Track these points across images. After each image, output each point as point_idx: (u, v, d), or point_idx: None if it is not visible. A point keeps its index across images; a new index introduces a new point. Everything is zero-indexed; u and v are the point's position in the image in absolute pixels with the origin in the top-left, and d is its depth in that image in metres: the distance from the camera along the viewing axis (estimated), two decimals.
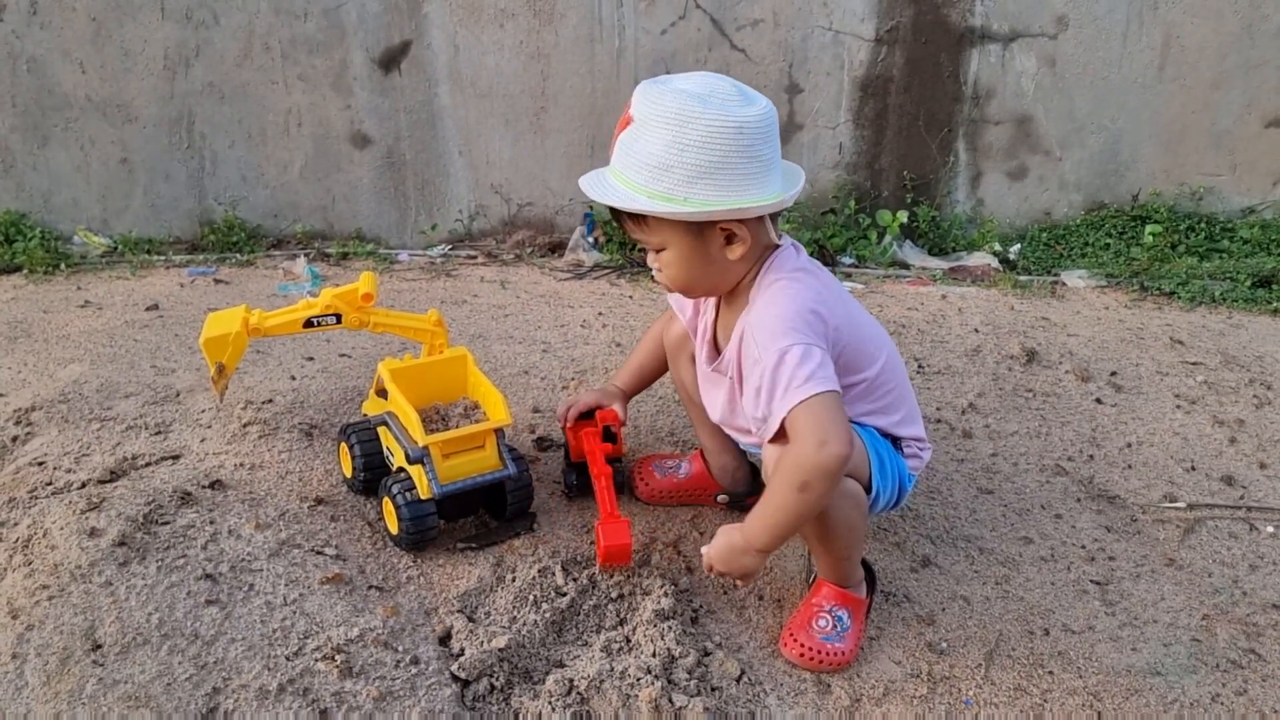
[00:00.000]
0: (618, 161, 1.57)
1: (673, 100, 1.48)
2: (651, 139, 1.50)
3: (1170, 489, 2.26)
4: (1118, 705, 1.65)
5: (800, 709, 1.61)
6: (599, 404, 2.03)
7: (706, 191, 1.50)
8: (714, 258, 1.60)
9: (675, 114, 1.48)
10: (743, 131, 1.48)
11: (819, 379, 1.49)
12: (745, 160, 1.50)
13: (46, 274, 3.40)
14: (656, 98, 1.50)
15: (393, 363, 2.00)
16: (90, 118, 3.56)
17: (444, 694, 1.54)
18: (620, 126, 1.56)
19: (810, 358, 1.50)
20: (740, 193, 1.51)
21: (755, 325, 1.58)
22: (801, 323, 1.54)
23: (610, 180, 1.58)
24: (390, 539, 1.90)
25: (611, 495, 1.82)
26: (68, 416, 2.28)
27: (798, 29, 3.58)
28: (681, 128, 1.47)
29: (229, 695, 1.48)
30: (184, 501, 1.88)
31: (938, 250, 3.83)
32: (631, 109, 1.54)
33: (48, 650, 1.52)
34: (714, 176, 1.49)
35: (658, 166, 1.50)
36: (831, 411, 1.48)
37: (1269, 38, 3.60)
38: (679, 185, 1.49)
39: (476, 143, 3.72)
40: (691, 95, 1.49)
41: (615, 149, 1.57)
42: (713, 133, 1.47)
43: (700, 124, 1.47)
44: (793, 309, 1.56)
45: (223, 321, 2.02)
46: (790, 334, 1.52)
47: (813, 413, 1.47)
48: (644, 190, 1.52)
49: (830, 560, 1.73)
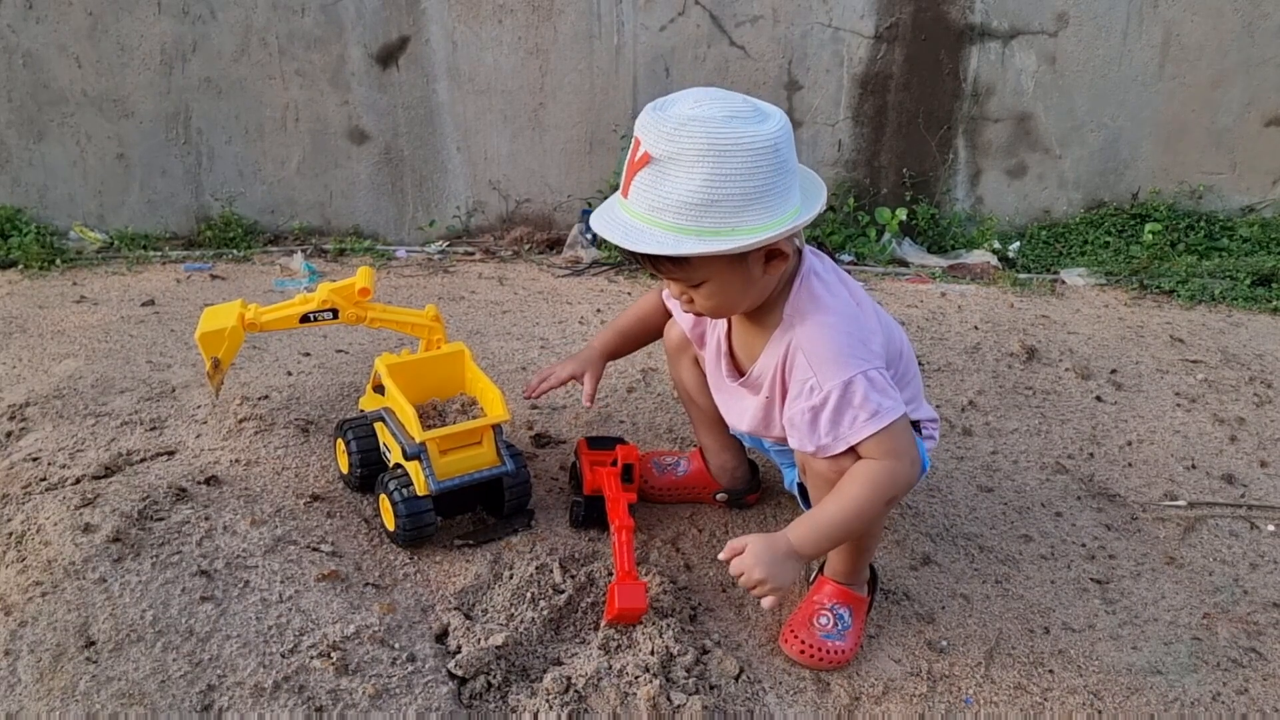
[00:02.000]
0: (642, 204, 1.43)
1: (698, 130, 1.37)
2: (684, 178, 1.38)
3: (1170, 487, 2.25)
4: (1118, 704, 1.64)
5: (799, 707, 1.60)
6: (575, 374, 1.96)
7: (754, 217, 1.40)
8: (754, 280, 1.52)
9: (707, 147, 1.36)
10: (776, 149, 1.40)
11: (891, 406, 1.50)
12: (781, 176, 1.42)
13: (42, 269, 3.39)
14: (674, 131, 1.38)
15: (390, 358, 1.98)
16: (86, 113, 3.54)
17: (440, 691, 1.53)
18: (634, 166, 1.43)
19: (878, 385, 1.50)
20: (783, 208, 1.43)
21: (807, 350, 1.53)
22: (859, 344, 1.52)
23: (637, 224, 1.44)
24: (387, 535, 1.89)
25: (631, 552, 1.73)
26: (62, 412, 2.26)
27: (797, 25, 3.57)
28: (718, 160, 1.37)
29: (224, 693, 1.47)
30: (179, 497, 1.87)
31: (937, 248, 3.82)
32: (646, 145, 1.41)
33: (41, 647, 1.51)
34: (759, 201, 1.40)
35: (698, 205, 1.38)
36: (909, 434, 1.54)
37: (1269, 36, 3.60)
38: (726, 217, 1.39)
39: (475, 139, 3.71)
40: (715, 121, 1.37)
41: (633, 191, 1.44)
42: (751, 158, 1.38)
43: (737, 153, 1.37)
44: (844, 330, 1.53)
45: (219, 316, 2.01)
46: (852, 362, 1.50)
47: (895, 436, 1.50)
48: (692, 230, 1.39)
49: (849, 557, 1.72)
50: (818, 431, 1.53)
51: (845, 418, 1.50)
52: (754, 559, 1.53)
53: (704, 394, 1.91)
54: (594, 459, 1.97)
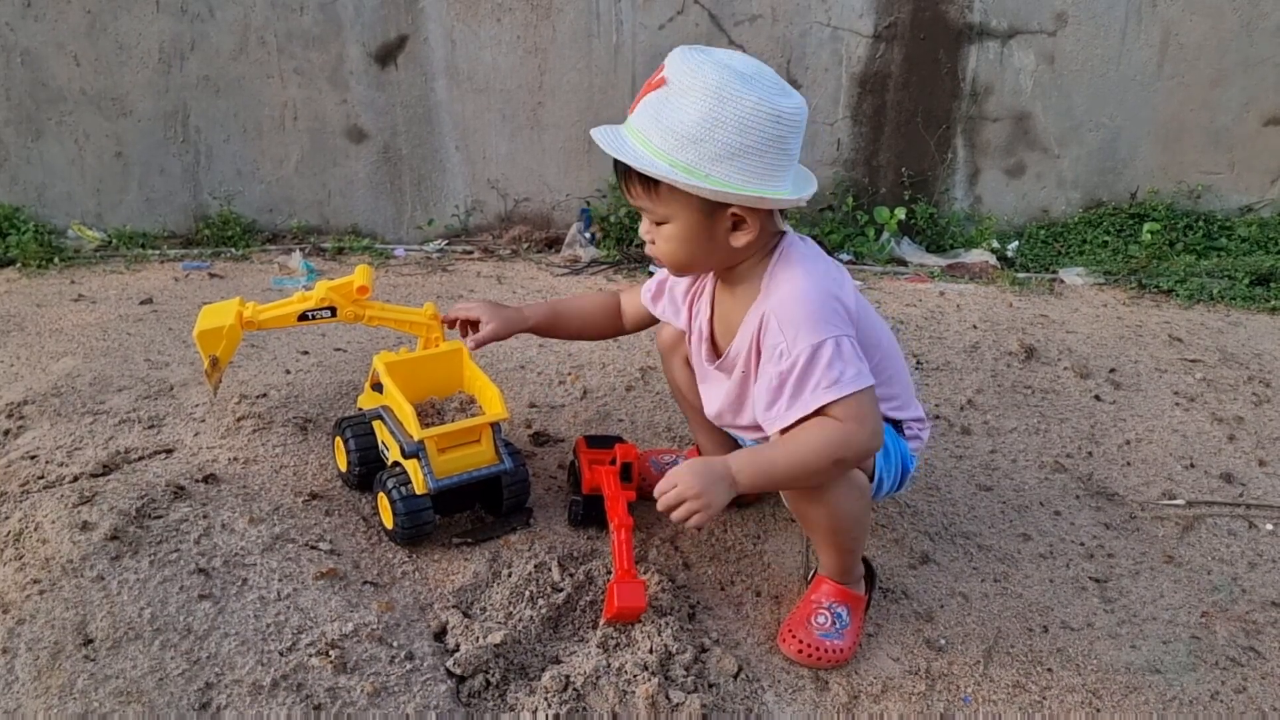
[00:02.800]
0: (639, 122, 1.49)
1: (715, 73, 1.42)
2: (686, 107, 1.43)
3: (1169, 486, 2.25)
4: (1117, 703, 1.64)
5: (798, 706, 1.60)
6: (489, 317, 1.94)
7: (731, 173, 1.45)
8: (718, 241, 1.55)
9: (717, 88, 1.41)
10: (780, 121, 1.44)
11: (860, 375, 1.50)
12: (775, 151, 1.46)
13: (40, 268, 3.38)
14: (698, 66, 1.43)
15: (388, 356, 1.98)
16: (84, 111, 3.54)
17: (439, 690, 1.53)
18: (649, 86, 1.49)
19: (845, 353, 1.50)
20: (764, 181, 1.47)
21: (780, 314, 1.54)
22: (830, 312, 1.53)
23: (628, 139, 1.50)
24: (385, 534, 1.89)
25: (630, 551, 1.73)
26: (60, 410, 2.26)
27: (796, 24, 3.58)
28: (721, 103, 1.41)
29: (222, 690, 1.47)
30: (177, 495, 1.87)
31: (935, 247, 3.82)
32: (666, 70, 1.46)
33: (39, 645, 1.50)
34: (742, 159, 1.44)
35: (687, 137, 1.43)
36: (874, 404, 1.52)
37: (1268, 36, 3.60)
38: (704, 161, 1.44)
39: (473, 138, 3.71)
40: (736, 73, 1.43)
41: (639, 108, 1.49)
42: (752, 115, 1.42)
43: (741, 104, 1.41)
44: (817, 297, 1.53)
45: (217, 314, 2.00)
46: (822, 326, 1.50)
47: (860, 404, 1.49)
48: (666, 158, 1.45)
49: (835, 554, 1.72)
50: (780, 399, 1.52)
51: (808, 384, 1.49)
52: (689, 474, 1.49)
53: (697, 393, 1.91)
54: (592, 457, 1.97)
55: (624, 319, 2.00)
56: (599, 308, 2.01)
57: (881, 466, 1.68)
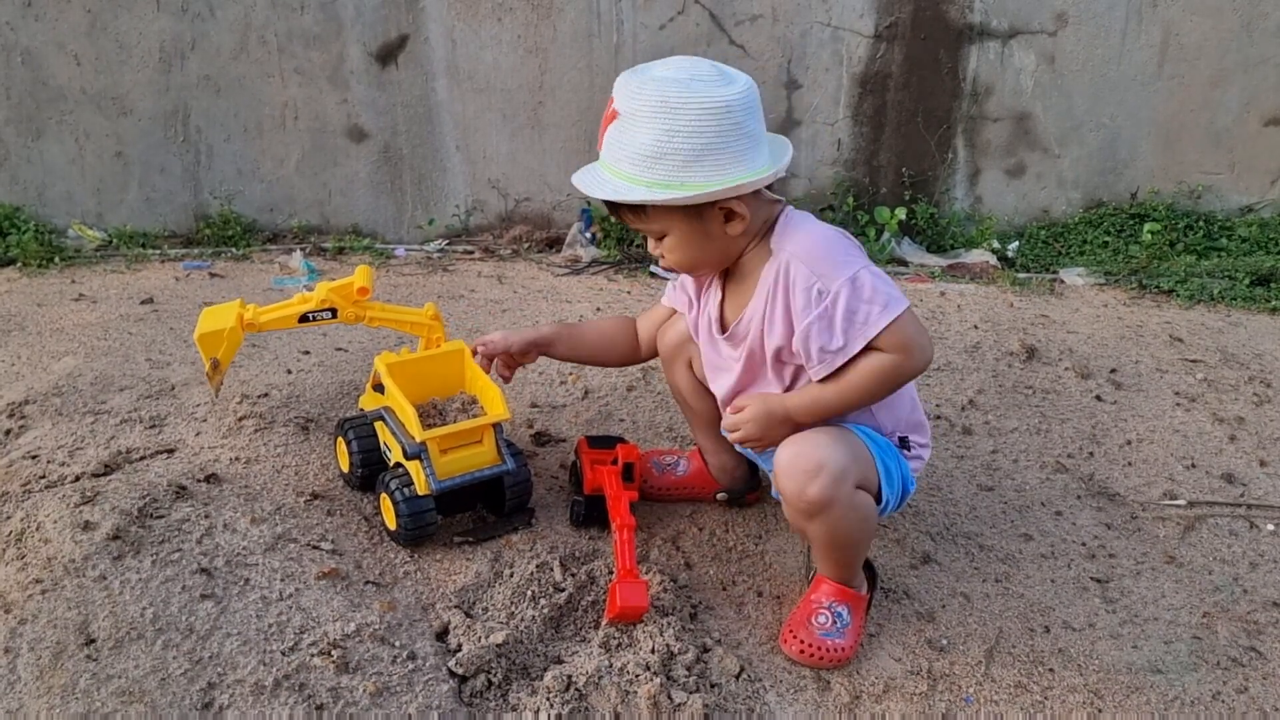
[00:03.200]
0: (608, 155, 1.57)
1: (654, 89, 1.50)
2: (640, 130, 1.51)
3: (1170, 486, 2.26)
4: (1118, 703, 1.64)
5: (800, 706, 1.60)
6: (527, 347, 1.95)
7: (701, 174, 1.51)
8: (715, 235, 1.61)
9: (660, 103, 1.49)
10: (730, 111, 1.50)
11: (898, 296, 1.54)
12: (735, 139, 1.51)
13: (41, 267, 3.38)
14: (638, 89, 1.51)
15: (389, 357, 1.98)
16: (85, 110, 3.54)
17: (441, 690, 1.53)
18: (606, 121, 1.57)
19: (881, 276, 1.55)
20: (734, 170, 1.52)
21: (804, 257, 1.58)
22: (851, 246, 1.60)
23: (603, 174, 1.58)
24: (387, 534, 1.89)
25: (632, 550, 1.74)
26: (62, 410, 2.26)
27: (796, 24, 3.57)
28: (670, 115, 1.48)
29: (224, 690, 1.47)
30: (179, 495, 1.86)
31: (936, 247, 3.82)
32: (615, 103, 1.55)
33: (41, 645, 1.50)
34: (707, 158, 1.50)
35: (650, 156, 1.50)
36: (917, 322, 1.57)
37: (1268, 36, 3.60)
38: (674, 171, 1.50)
39: (474, 137, 3.71)
40: (672, 81, 1.50)
41: (604, 143, 1.58)
42: (700, 116, 1.48)
43: (687, 109, 1.48)
44: (834, 235, 1.61)
45: (217, 316, 2.00)
46: (850, 259, 1.56)
47: (906, 326, 1.54)
48: (640, 181, 1.52)
49: (834, 565, 1.73)
50: (834, 333, 1.55)
51: (859, 314, 1.53)
52: (752, 419, 1.68)
53: (699, 397, 1.92)
54: (594, 458, 1.97)
55: (640, 342, 2.00)
56: (617, 328, 2.03)
57: (886, 492, 1.68)
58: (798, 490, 1.59)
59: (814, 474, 1.57)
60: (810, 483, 1.57)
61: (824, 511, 1.59)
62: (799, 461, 1.59)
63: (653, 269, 3.54)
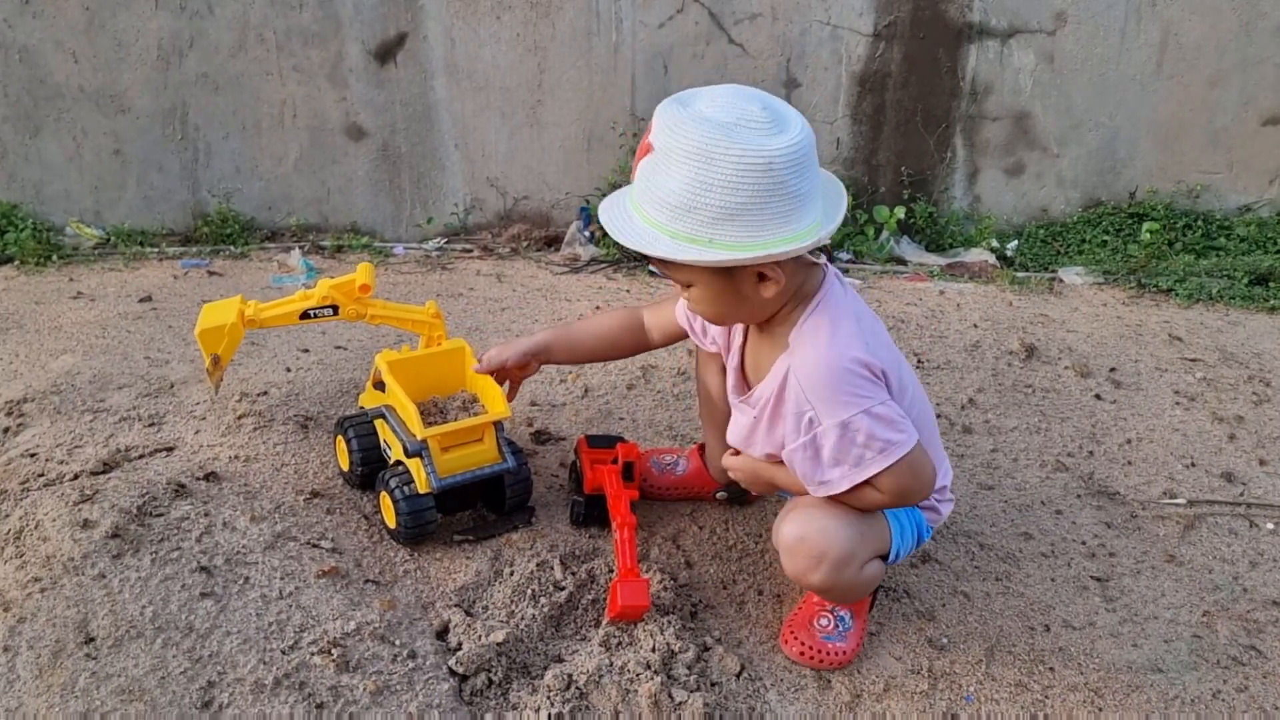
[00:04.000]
0: (638, 192, 1.41)
1: (695, 131, 1.32)
2: (672, 174, 1.34)
3: (1170, 485, 2.26)
4: (1119, 701, 1.64)
5: (801, 705, 1.60)
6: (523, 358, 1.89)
7: (733, 234, 1.34)
8: (746, 295, 1.46)
9: (698, 149, 1.32)
10: (771, 169, 1.32)
11: (902, 440, 1.46)
12: (776, 199, 1.34)
13: (38, 265, 3.37)
14: (676, 126, 1.34)
15: (390, 355, 1.97)
16: (83, 108, 3.53)
17: (441, 688, 1.53)
18: (641, 152, 1.41)
19: (884, 419, 1.44)
20: (771, 234, 1.35)
21: (803, 379, 1.46)
22: (855, 382, 1.44)
23: (630, 212, 1.43)
24: (387, 533, 1.88)
25: (633, 549, 1.73)
26: (60, 408, 2.25)
27: (796, 23, 3.57)
28: (705, 165, 1.31)
29: (224, 689, 1.47)
30: (178, 493, 1.86)
31: (935, 246, 3.82)
32: (652, 135, 1.38)
33: (40, 643, 1.50)
34: (741, 218, 1.33)
35: (679, 207, 1.34)
36: (922, 462, 1.50)
37: (1267, 35, 3.60)
38: (703, 227, 1.34)
39: (472, 136, 3.70)
40: (715, 126, 1.32)
41: (636, 176, 1.42)
42: (738, 171, 1.31)
43: (725, 162, 1.31)
44: (840, 366, 1.44)
45: (218, 313, 2.00)
46: (848, 400, 1.43)
47: (903, 475, 1.48)
48: (665, 230, 1.37)
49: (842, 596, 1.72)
50: (820, 467, 1.50)
51: (851, 455, 1.46)
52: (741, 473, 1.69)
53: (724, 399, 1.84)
54: (594, 457, 1.97)
55: (650, 334, 1.91)
56: (619, 323, 1.93)
57: (897, 544, 1.66)
58: (799, 575, 1.61)
59: (816, 564, 1.56)
60: (812, 572, 1.57)
61: (825, 592, 1.65)
62: (802, 548, 1.57)
63: (651, 268, 3.54)
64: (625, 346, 1.95)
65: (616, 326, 1.93)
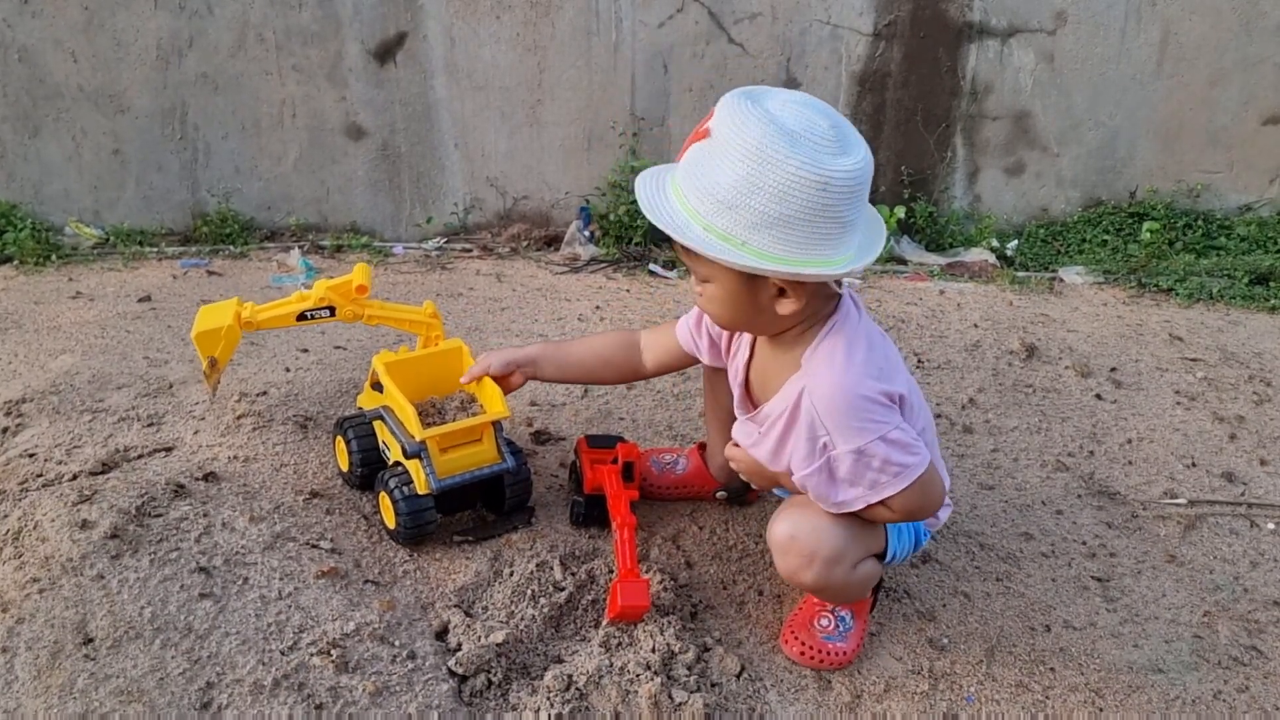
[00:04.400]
0: (682, 176, 1.38)
1: (758, 130, 1.28)
2: (723, 167, 1.31)
3: (1171, 485, 2.25)
4: (1119, 702, 1.64)
5: (801, 705, 1.60)
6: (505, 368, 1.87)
7: (769, 243, 1.32)
8: (762, 307, 1.44)
9: (756, 148, 1.28)
10: (827, 189, 1.29)
11: (916, 463, 1.46)
12: (822, 221, 1.31)
13: (37, 265, 3.37)
14: (741, 120, 1.30)
15: (388, 356, 1.97)
16: (82, 108, 3.52)
17: (441, 689, 1.52)
18: (695, 135, 1.38)
19: (898, 444, 1.44)
20: (806, 253, 1.33)
21: (819, 403, 1.44)
22: (871, 409, 1.42)
23: (669, 194, 1.40)
24: (387, 533, 1.88)
25: (633, 549, 1.73)
26: (59, 408, 2.25)
27: (795, 23, 3.57)
28: (759, 166, 1.28)
29: (223, 690, 1.46)
30: (177, 494, 1.86)
31: (935, 246, 3.82)
32: (712, 120, 1.35)
33: (38, 644, 1.50)
34: (783, 229, 1.31)
35: (723, 201, 1.32)
36: (934, 483, 1.52)
37: (1267, 35, 3.60)
38: (741, 228, 1.32)
39: (472, 135, 3.70)
40: (781, 130, 1.28)
41: (684, 159, 1.39)
42: (793, 183, 1.28)
43: (780, 169, 1.27)
44: (857, 393, 1.42)
45: (215, 315, 1.98)
46: (863, 427, 1.42)
47: (915, 497, 1.49)
48: (702, 221, 1.34)
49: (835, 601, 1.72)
50: (836, 489, 1.50)
51: (865, 479, 1.46)
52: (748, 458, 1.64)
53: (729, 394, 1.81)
54: (594, 457, 1.96)
55: (644, 358, 1.89)
56: (613, 341, 1.92)
57: (894, 546, 1.66)
58: (791, 574, 1.61)
59: (808, 562, 1.56)
60: (804, 570, 1.57)
61: (819, 592, 1.66)
62: (794, 546, 1.56)
63: (651, 267, 3.53)
64: (617, 365, 1.91)
65: (610, 345, 1.91)
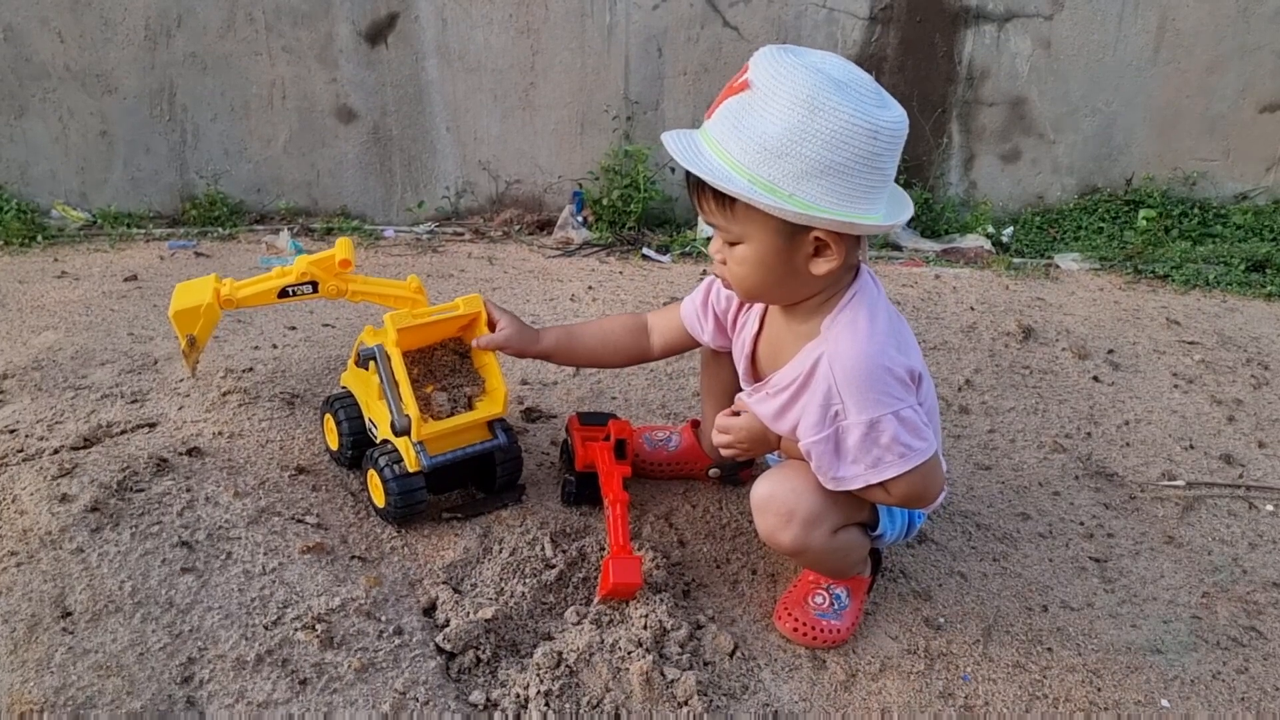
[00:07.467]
0: (718, 130, 1.35)
1: (807, 79, 1.27)
2: (771, 117, 1.29)
3: (1169, 467, 2.23)
4: (1117, 682, 1.61)
5: (795, 684, 1.57)
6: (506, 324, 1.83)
7: (817, 193, 1.30)
8: (797, 268, 1.41)
9: (808, 96, 1.26)
10: (877, 137, 1.29)
11: (922, 448, 1.44)
12: (868, 170, 1.31)
13: (22, 246, 3.33)
14: (788, 70, 1.28)
15: (401, 318, 1.79)
16: (69, 88, 3.48)
17: (428, 666, 1.49)
18: (730, 90, 1.35)
19: (909, 424, 1.42)
20: (854, 204, 1.32)
21: (839, 368, 1.42)
22: (890, 383, 1.41)
23: (704, 148, 1.36)
24: (375, 512, 1.84)
25: (625, 526, 1.70)
26: (41, 384, 2.21)
27: (791, 6, 3.54)
28: (811, 114, 1.27)
29: (205, 665, 1.43)
30: (160, 469, 1.82)
31: (931, 232, 3.79)
32: (750, 73, 1.32)
33: (15, 618, 1.46)
34: (831, 178, 1.30)
35: (771, 150, 1.29)
36: (928, 476, 1.49)
37: (1264, 22, 3.58)
38: (788, 178, 1.30)
39: (464, 119, 3.67)
40: (830, 79, 1.28)
41: (717, 113, 1.36)
42: (845, 129, 1.27)
43: (835, 115, 1.26)
44: (878, 364, 1.41)
45: (192, 292, 1.92)
46: (880, 399, 1.40)
47: (917, 482, 1.47)
48: (746, 173, 1.31)
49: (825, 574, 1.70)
50: (840, 462, 1.47)
51: (871, 454, 1.44)
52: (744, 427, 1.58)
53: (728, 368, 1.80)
54: (586, 434, 1.93)
55: (652, 341, 1.86)
56: (622, 324, 1.89)
57: (885, 523, 1.64)
58: (769, 534, 1.58)
59: (785, 521, 1.54)
60: (782, 530, 1.55)
61: (799, 555, 1.61)
62: (772, 504, 1.55)
63: (645, 252, 3.50)
64: (626, 351, 1.90)
65: (619, 330, 1.89)
